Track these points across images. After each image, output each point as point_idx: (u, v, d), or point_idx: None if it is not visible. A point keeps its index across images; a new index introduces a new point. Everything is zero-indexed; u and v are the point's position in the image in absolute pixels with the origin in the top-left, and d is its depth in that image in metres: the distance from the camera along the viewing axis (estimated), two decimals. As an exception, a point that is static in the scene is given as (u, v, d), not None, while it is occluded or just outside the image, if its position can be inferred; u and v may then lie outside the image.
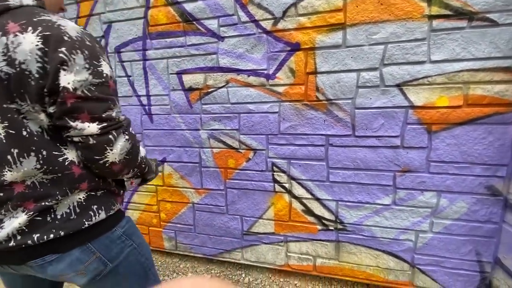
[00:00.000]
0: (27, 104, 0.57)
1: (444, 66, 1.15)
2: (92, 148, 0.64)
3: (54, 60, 0.55)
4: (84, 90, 0.60)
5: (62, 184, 0.64)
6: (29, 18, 0.56)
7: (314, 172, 1.40)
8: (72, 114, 0.60)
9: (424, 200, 1.27)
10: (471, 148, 1.18)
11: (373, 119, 1.26)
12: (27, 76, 0.54)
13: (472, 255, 1.27)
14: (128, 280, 0.82)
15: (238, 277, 1.65)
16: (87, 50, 0.61)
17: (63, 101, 0.58)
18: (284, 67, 1.32)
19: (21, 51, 0.53)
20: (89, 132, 0.62)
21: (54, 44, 0.56)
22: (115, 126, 0.66)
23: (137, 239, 0.83)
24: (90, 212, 0.68)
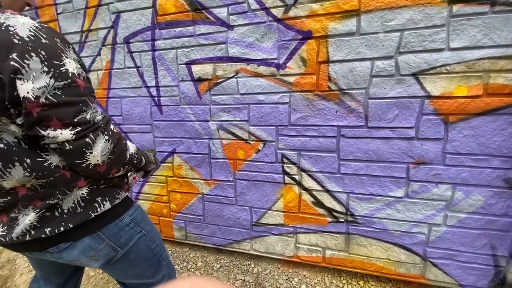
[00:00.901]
0: None
1: (463, 53, 1.10)
2: (71, 154, 0.61)
3: (6, 69, 0.50)
4: (48, 97, 0.55)
5: (59, 185, 0.66)
6: None
7: (324, 163, 1.38)
8: (41, 123, 0.56)
9: (438, 192, 1.24)
10: (490, 140, 1.14)
11: (387, 109, 1.22)
12: None
13: (486, 249, 1.24)
14: (139, 265, 0.86)
15: (247, 267, 1.67)
16: (43, 50, 0.54)
17: (28, 112, 0.54)
18: (295, 56, 1.29)
19: None
20: (63, 138, 0.58)
21: (3, 51, 0.50)
22: (91, 128, 0.62)
23: (146, 226, 0.86)
24: (95, 204, 0.72)
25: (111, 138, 0.67)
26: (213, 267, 1.70)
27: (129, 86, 1.65)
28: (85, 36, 1.68)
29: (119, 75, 1.66)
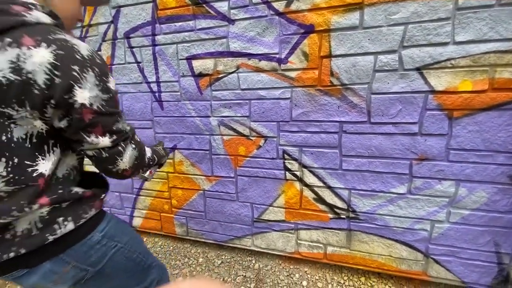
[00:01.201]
0: (25, 110, 0.58)
1: (469, 47, 1.08)
2: (106, 160, 0.70)
3: (66, 76, 0.58)
4: (98, 105, 0.64)
5: (21, 198, 0.61)
6: (44, 36, 0.58)
7: (326, 160, 1.37)
8: (88, 128, 0.65)
9: (441, 189, 1.23)
10: (495, 136, 1.12)
11: (390, 105, 1.21)
12: (31, 85, 0.56)
13: (490, 246, 1.23)
14: (118, 277, 0.82)
15: (248, 263, 1.67)
16: (97, 68, 0.64)
17: (81, 117, 0.62)
18: (297, 51, 1.27)
19: (31, 62, 0.56)
20: (102, 145, 0.68)
21: (67, 61, 0.58)
22: (124, 137, 0.72)
23: (123, 238, 0.81)
24: (55, 225, 0.65)
25: (137, 146, 0.77)
26: (214, 263, 1.70)
27: (130, 82, 1.64)
28: (85, 31, 1.67)
29: (119, 71, 1.65)
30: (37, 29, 0.60)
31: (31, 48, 0.56)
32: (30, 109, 0.58)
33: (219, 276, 1.59)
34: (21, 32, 0.58)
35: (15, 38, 0.57)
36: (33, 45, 0.56)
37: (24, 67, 0.56)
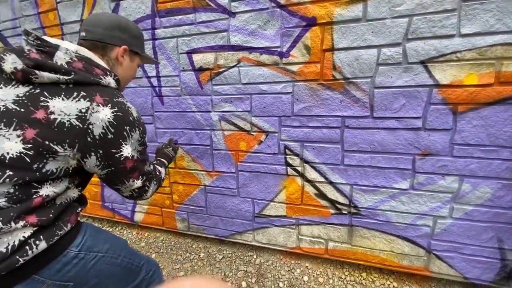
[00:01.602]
0: (71, 151, 0.67)
1: (475, 40, 1.05)
2: (135, 197, 0.89)
3: (118, 135, 0.71)
4: (137, 156, 0.80)
5: (12, 211, 0.61)
6: (111, 98, 0.72)
7: (328, 155, 1.36)
8: (129, 174, 0.80)
9: (445, 184, 1.21)
10: (500, 130, 1.10)
11: (394, 99, 1.18)
12: (88, 134, 0.67)
13: (493, 242, 1.22)
14: (106, 284, 0.81)
15: (249, 258, 1.67)
16: (141, 127, 0.79)
17: (124, 166, 0.77)
18: (298, 44, 1.25)
19: (95, 117, 0.67)
20: (136, 186, 0.84)
21: (122, 122, 0.72)
22: (149, 177, 0.90)
23: (103, 247, 0.80)
24: (26, 246, 0.62)
25: (157, 181, 0.96)
26: (216, 258, 1.70)
27: (130, 76, 1.63)
28: (84, 25, 1.65)
29: (119, 65, 1.64)
30: (107, 90, 0.74)
31: (99, 105, 0.68)
32: (76, 151, 0.67)
33: (221, 271, 1.60)
34: (95, 90, 0.71)
35: (89, 93, 0.69)
36: (101, 103, 0.69)
37: (89, 119, 0.66)
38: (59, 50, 0.71)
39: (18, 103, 0.64)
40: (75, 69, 0.70)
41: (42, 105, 0.64)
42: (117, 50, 0.86)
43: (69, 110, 0.65)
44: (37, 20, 1.76)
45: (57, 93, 0.66)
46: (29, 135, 0.62)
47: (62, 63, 0.69)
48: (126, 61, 0.91)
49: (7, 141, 0.62)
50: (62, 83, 0.68)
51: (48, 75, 0.66)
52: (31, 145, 0.62)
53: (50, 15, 1.71)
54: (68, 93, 0.67)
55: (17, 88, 0.66)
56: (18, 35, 1.86)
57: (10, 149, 0.62)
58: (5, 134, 0.62)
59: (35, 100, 0.64)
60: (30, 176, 0.63)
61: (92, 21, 0.86)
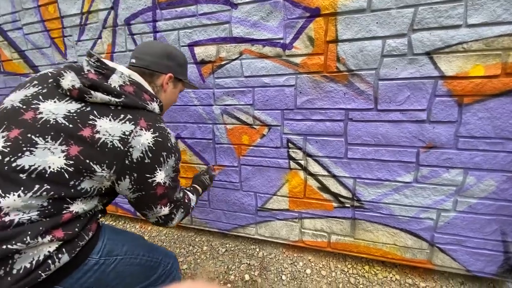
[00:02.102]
0: (108, 172, 0.67)
1: (481, 30, 1.03)
2: (160, 224, 0.88)
3: (155, 160, 0.72)
4: (169, 182, 0.79)
5: (41, 225, 0.60)
6: (154, 123, 0.74)
7: (331, 148, 1.35)
8: (158, 200, 0.79)
9: (449, 177, 1.20)
10: (506, 122, 1.08)
11: (398, 91, 1.17)
12: (127, 156, 0.68)
13: (496, 235, 1.22)
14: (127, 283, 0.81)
15: (252, 252, 1.68)
16: (177, 153, 0.80)
17: (155, 192, 0.76)
18: (302, 36, 1.23)
19: (137, 140, 0.69)
20: (163, 213, 0.84)
21: (161, 148, 0.73)
22: (177, 205, 0.89)
23: (122, 249, 0.80)
24: (49, 260, 0.61)
25: (185, 209, 0.94)
26: (219, 251, 1.71)
27: (131, 70, 1.61)
28: (85, 19, 1.64)
29: (120, 59, 1.63)
30: (151, 115, 0.76)
31: (142, 129, 0.70)
32: (112, 173, 0.68)
33: (224, 264, 1.61)
34: (141, 115, 0.73)
35: (135, 117, 0.71)
36: (145, 128, 0.71)
37: (131, 142, 0.68)
38: (115, 73, 0.75)
39: (68, 119, 0.66)
40: (125, 93, 0.73)
41: (90, 123, 0.66)
42: (163, 78, 0.91)
43: (114, 131, 0.67)
44: (37, 13, 1.74)
45: (106, 114, 0.69)
46: (73, 152, 0.64)
47: (116, 86, 0.73)
48: (170, 88, 0.96)
49: (51, 154, 0.63)
50: (112, 105, 0.70)
51: (101, 96, 0.69)
52: (73, 162, 0.63)
53: (50, 8, 1.69)
54: (115, 114, 0.69)
55: (70, 104, 0.68)
56: (18, 29, 1.84)
57: (53, 163, 0.62)
58: (50, 147, 0.63)
59: (85, 117, 0.66)
60: (65, 192, 0.63)
61: (142, 49, 0.92)
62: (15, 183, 0.59)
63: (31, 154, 0.61)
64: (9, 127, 0.64)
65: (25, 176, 0.60)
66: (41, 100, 0.68)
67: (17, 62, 1.95)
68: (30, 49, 1.87)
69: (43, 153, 0.62)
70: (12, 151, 0.61)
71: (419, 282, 1.39)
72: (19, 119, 0.65)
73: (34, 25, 1.79)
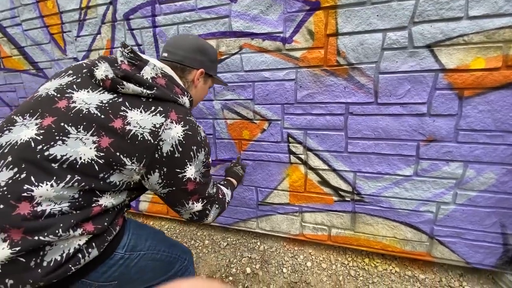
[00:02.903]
0: (138, 166, 0.67)
1: (483, 22, 1.02)
2: (195, 221, 0.88)
3: (185, 155, 0.71)
4: (199, 178, 0.78)
5: (72, 217, 0.60)
6: (184, 116, 0.74)
7: (331, 142, 1.35)
8: (189, 196, 0.79)
9: (449, 171, 1.21)
10: (506, 115, 1.08)
11: (398, 84, 1.17)
12: (157, 150, 0.67)
13: (496, 227, 1.22)
14: (146, 278, 0.82)
15: (253, 245, 1.70)
16: (207, 147, 0.79)
17: (186, 188, 0.76)
18: (302, 29, 1.23)
19: (167, 133, 0.68)
20: (196, 209, 0.83)
21: (190, 141, 0.72)
22: (211, 201, 0.88)
23: (145, 244, 0.81)
24: (79, 254, 0.61)
25: (220, 204, 0.94)
26: (220, 245, 1.73)
27: (131, 65, 1.61)
28: (84, 14, 1.63)
29: (120, 54, 1.62)
30: (181, 109, 0.75)
31: (173, 122, 0.70)
32: (142, 166, 0.67)
33: (225, 257, 1.63)
34: (171, 107, 0.72)
35: (166, 109, 0.70)
36: (175, 121, 0.70)
37: (161, 135, 0.67)
38: (147, 65, 0.75)
39: (100, 109, 0.65)
40: (157, 85, 0.72)
41: (121, 114, 0.66)
42: (194, 73, 0.90)
43: (144, 123, 0.66)
44: (36, 9, 1.73)
45: (137, 105, 0.68)
46: (104, 144, 0.63)
47: (148, 78, 0.73)
48: (201, 83, 0.95)
49: (83, 145, 0.62)
50: (143, 96, 0.70)
51: (133, 87, 0.68)
52: (103, 154, 0.63)
53: (49, 4, 1.68)
54: (146, 106, 0.69)
55: (102, 95, 0.68)
56: (17, 25, 1.84)
57: (84, 154, 0.61)
58: (82, 137, 0.62)
59: (116, 108, 0.66)
60: (95, 184, 0.63)
61: (174, 43, 0.91)
62: (47, 172, 0.58)
63: (63, 143, 0.61)
64: (43, 114, 0.64)
65: (57, 166, 0.59)
66: (75, 89, 0.68)
67: (17, 59, 1.95)
68: (29, 45, 1.87)
69: (75, 143, 0.61)
70: (45, 140, 0.60)
71: (418, 274, 1.41)
72: (53, 107, 0.65)
73: (33, 21, 1.78)
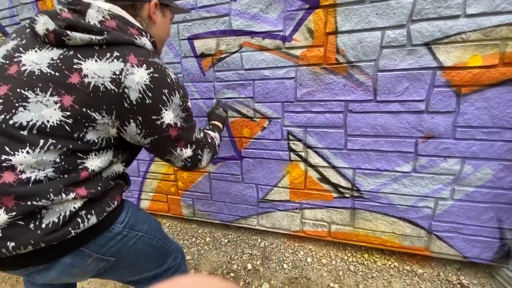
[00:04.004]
0: (109, 118, 0.63)
1: (480, 20, 1.04)
2: (189, 167, 0.85)
3: (157, 99, 0.66)
4: (181, 123, 0.74)
5: (61, 182, 0.60)
6: (146, 58, 0.66)
7: (331, 140, 1.37)
8: (175, 143, 0.75)
9: (446, 167, 1.23)
10: (503, 112, 1.10)
11: (397, 82, 1.18)
12: (124, 98, 0.63)
13: (493, 222, 1.25)
14: (140, 264, 0.83)
15: (254, 242, 1.72)
16: (181, 90, 0.72)
17: (168, 135, 0.72)
18: (301, 28, 1.24)
19: (130, 79, 0.62)
20: (186, 156, 0.80)
21: (159, 84, 0.66)
22: (201, 145, 0.85)
23: (143, 226, 0.82)
24: (78, 219, 0.63)
25: (210, 148, 0.91)
26: (221, 242, 1.75)
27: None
28: (83, 13, 1.63)
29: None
30: (141, 51, 0.67)
31: (134, 66, 0.63)
32: (114, 118, 0.64)
33: (226, 254, 1.64)
34: (129, 50, 0.65)
35: (123, 53, 0.64)
36: (136, 64, 0.64)
37: (124, 82, 0.62)
38: (90, 8, 0.65)
39: (53, 67, 0.60)
40: (108, 29, 0.65)
41: (75, 67, 0.60)
42: (147, 7, 0.78)
43: (102, 72, 0.61)
44: (35, 8, 1.73)
45: (90, 55, 0.62)
46: (67, 103, 0.59)
47: (95, 22, 0.64)
48: (159, 18, 0.82)
49: (45, 108, 0.59)
50: (95, 44, 0.63)
51: (81, 36, 0.61)
52: (70, 113, 0.60)
53: (48, 2, 1.68)
54: (101, 54, 0.62)
55: (52, 51, 0.62)
56: (16, 24, 1.83)
57: (50, 117, 0.59)
58: (42, 100, 0.59)
59: (69, 63, 0.61)
60: (73, 145, 0.61)
61: None
62: (19, 140, 0.57)
63: (25, 109, 0.58)
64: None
65: (27, 133, 0.58)
66: (22, 52, 0.63)
67: (16, 58, 1.95)
68: (29, 44, 1.86)
69: (37, 107, 0.59)
70: (6, 109, 0.58)
71: (417, 268, 1.43)
72: (5, 75, 0.61)
73: (32, 20, 1.77)
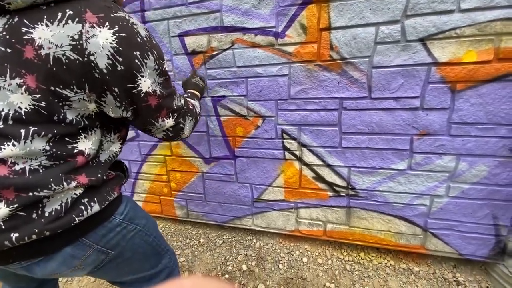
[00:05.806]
0: (83, 93, 0.56)
1: (475, 15, 1.02)
2: (171, 137, 0.80)
3: (129, 65, 0.57)
4: (160, 90, 0.66)
5: (60, 170, 0.58)
6: (106, 13, 0.54)
7: (326, 138, 1.35)
8: (157, 113, 0.69)
9: (442, 164, 1.22)
10: (498, 108, 1.09)
11: (392, 79, 1.17)
12: (93, 68, 0.53)
13: (488, 218, 1.24)
14: (136, 261, 0.81)
15: (249, 242, 1.69)
16: (156, 51, 0.62)
17: (149, 104, 0.65)
18: (294, 24, 1.21)
19: (94, 43, 0.52)
20: (168, 125, 0.75)
21: (129, 46, 0.56)
22: (182, 113, 0.79)
23: (141, 221, 0.80)
24: (81, 206, 0.62)
25: (192, 116, 0.86)
26: (216, 243, 1.72)
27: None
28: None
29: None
30: (99, 4, 0.55)
31: (94, 27, 0.52)
32: (88, 92, 0.56)
33: (221, 255, 1.62)
34: (83, 6, 0.53)
35: (77, 10, 0.52)
36: (96, 23, 0.52)
37: (87, 48, 0.52)
38: None
39: (1, 42, 0.51)
40: None
41: (26, 38, 0.50)
42: None
43: (59, 39, 0.51)
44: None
45: (39, 19, 0.51)
46: (32, 84, 0.52)
47: None
48: None
49: (11, 93, 0.51)
50: (41, 4, 0.52)
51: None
52: (40, 95, 0.52)
53: None
54: (50, 15, 0.51)
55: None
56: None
57: (21, 103, 0.52)
58: (4, 85, 0.51)
59: (17, 33, 0.51)
60: (57, 129, 0.56)
61: None
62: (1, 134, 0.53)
63: None
64: None
65: (3, 124, 0.52)
66: None
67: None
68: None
69: (2, 94, 0.51)
70: None
71: (413, 266, 1.42)
72: None
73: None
